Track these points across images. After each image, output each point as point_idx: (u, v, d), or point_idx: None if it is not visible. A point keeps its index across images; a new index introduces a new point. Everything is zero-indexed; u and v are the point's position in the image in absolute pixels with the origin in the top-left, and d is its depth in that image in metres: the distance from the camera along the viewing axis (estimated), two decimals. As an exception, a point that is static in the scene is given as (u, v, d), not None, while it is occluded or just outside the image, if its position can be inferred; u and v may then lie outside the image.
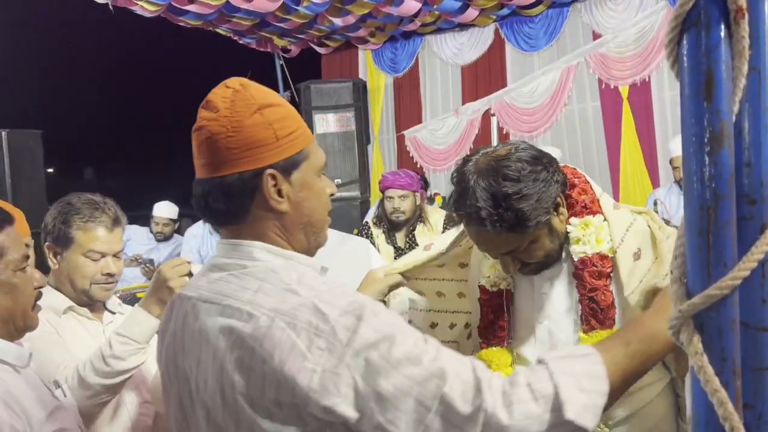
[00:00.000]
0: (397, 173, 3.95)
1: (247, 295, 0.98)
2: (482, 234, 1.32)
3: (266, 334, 0.93)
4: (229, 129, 1.00)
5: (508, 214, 1.27)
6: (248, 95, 1.04)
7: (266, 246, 1.04)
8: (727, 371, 0.56)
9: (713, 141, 0.56)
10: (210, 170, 1.03)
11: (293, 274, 1.00)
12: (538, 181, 1.29)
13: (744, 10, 0.56)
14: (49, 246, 1.71)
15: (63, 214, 1.70)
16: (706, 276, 0.57)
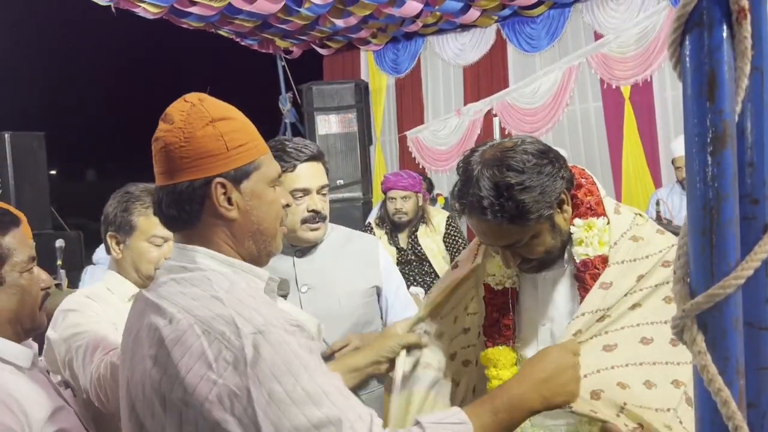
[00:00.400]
0: (399, 174, 3.95)
1: (178, 299, 1.02)
2: (483, 224, 1.32)
3: (181, 338, 0.97)
4: (182, 139, 1.05)
5: (510, 204, 1.27)
6: (203, 109, 1.08)
7: (210, 252, 1.08)
8: (731, 370, 0.57)
9: (716, 141, 0.56)
10: (165, 178, 1.08)
11: (225, 283, 1.04)
12: (542, 175, 1.29)
13: (746, 11, 0.56)
14: (112, 235, 1.70)
15: (123, 202, 1.70)
16: (709, 275, 0.57)
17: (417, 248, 3.82)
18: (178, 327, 0.98)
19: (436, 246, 3.80)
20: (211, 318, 0.97)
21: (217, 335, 0.95)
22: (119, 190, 1.76)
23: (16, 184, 5.47)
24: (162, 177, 1.09)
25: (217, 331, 0.95)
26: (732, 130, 0.57)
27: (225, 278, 1.05)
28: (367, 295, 1.87)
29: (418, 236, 3.84)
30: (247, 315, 0.97)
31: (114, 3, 4.71)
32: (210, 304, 0.99)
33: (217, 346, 0.94)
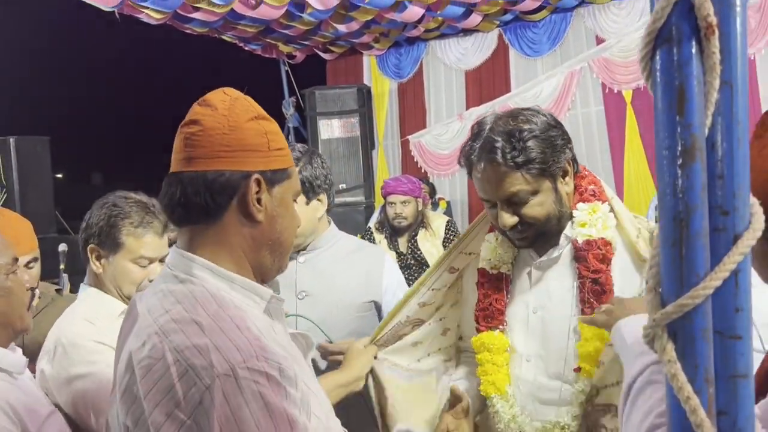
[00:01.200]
0: (399, 179, 3.97)
1: (159, 317, 0.95)
2: (489, 170, 1.37)
3: (153, 366, 0.90)
4: (225, 126, 0.99)
5: (519, 146, 1.34)
6: (247, 103, 1.04)
7: (208, 264, 0.99)
8: (700, 379, 0.58)
9: (685, 154, 0.58)
10: (193, 163, 0.99)
11: (212, 306, 0.95)
12: (552, 133, 1.37)
13: (714, 27, 0.57)
14: (93, 248, 1.60)
15: (111, 217, 1.59)
16: (679, 286, 0.58)
17: (417, 252, 3.84)
18: (151, 353, 0.91)
19: (436, 250, 3.82)
20: (185, 347, 0.89)
21: (189, 369, 0.87)
22: (106, 198, 1.65)
23: (21, 187, 5.51)
24: (188, 162, 0.99)
25: (190, 363, 0.87)
26: (701, 143, 0.58)
27: (213, 298, 0.96)
28: (364, 309, 1.84)
29: (417, 241, 3.85)
30: (225, 349, 0.88)
31: (118, 9, 4.74)
32: (189, 330, 0.91)
33: (187, 381, 0.86)
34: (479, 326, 1.51)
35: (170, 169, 1.03)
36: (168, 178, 1.02)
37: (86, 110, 11.59)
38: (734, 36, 0.59)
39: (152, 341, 0.91)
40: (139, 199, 1.65)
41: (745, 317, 0.60)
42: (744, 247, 0.59)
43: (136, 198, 1.65)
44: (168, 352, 0.89)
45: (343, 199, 6.22)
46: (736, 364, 0.59)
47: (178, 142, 1.02)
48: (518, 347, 1.47)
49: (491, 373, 1.44)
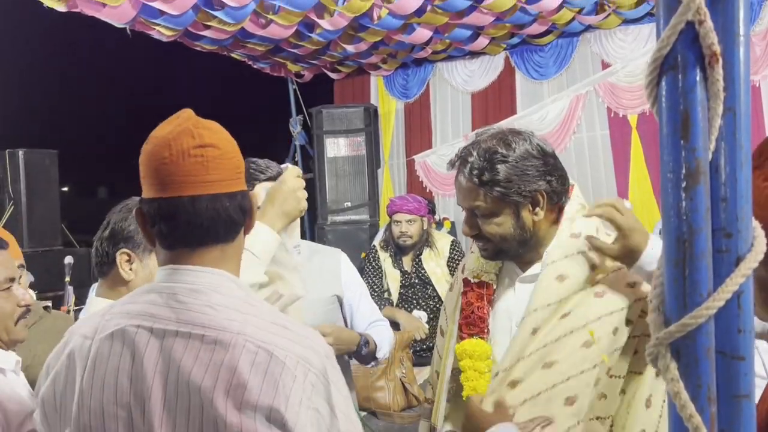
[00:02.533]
0: (404, 198, 3.99)
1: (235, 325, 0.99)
2: (459, 178, 1.46)
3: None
4: (235, 149, 1.07)
5: (485, 167, 1.39)
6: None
7: (231, 277, 1.06)
8: (703, 398, 0.59)
9: (689, 177, 0.59)
10: (224, 186, 1.04)
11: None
12: (527, 163, 1.39)
13: (718, 55, 0.59)
14: (125, 253, 1.53)
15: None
16: (682, 305, 0.59)
17: (421, 272, 3.84)
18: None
19: (440, 270, 3.82)
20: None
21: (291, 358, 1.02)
22: (123, 205, 1.61)
23: (28, 200, 5.56)
24: (219, 184, 1.03)
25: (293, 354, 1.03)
26: (705, 167, 0.60)
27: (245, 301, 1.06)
28: (329, 303, 2.09)
29: (422, 260, 3.86)
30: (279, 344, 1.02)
31: (130, 25, 4.81)
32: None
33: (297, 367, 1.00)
34: (462, 334, 1.54)
35: (185, 191, 1.02)
36: (203, 198, 1.02)
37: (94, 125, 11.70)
38: (737, 64, 0.61)
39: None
40: None
41: (748, 338, 0.61)
42: (746, 269, 0.60)
43: None
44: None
45: (348, 217, 6.24)
46: (739, 384, 0.61)
47: (195, 165, 1.02)
48: (497, 359, 1.49)
49: (473, 379, 1.45)
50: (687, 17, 0.59)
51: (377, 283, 3.88)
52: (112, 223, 1.56)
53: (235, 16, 4.74)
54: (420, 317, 3.66)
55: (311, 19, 5.07)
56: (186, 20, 4.75)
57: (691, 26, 0.59)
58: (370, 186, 6.30)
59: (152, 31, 4.97)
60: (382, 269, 3.89)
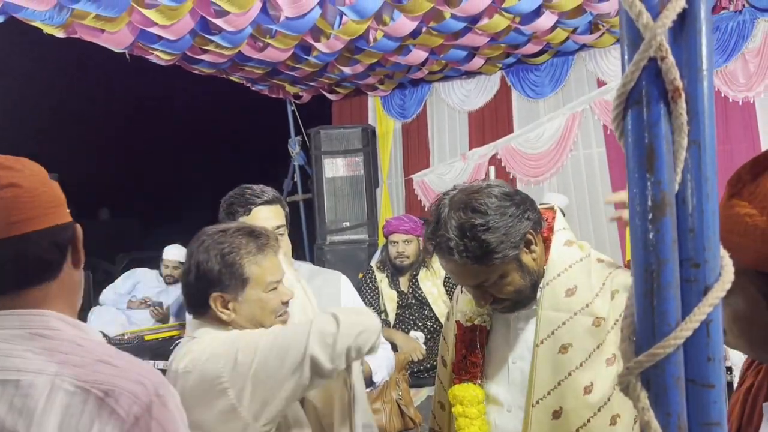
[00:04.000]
0: (401, 218, 4.00)
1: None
2: (451, 264, 1.39)
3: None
4: (39, 185, 1.01)
5: (474, 245, 1.33)
6: (30, 162, 1.06)
7: (59, 315, 1.01)
8: (673, 426, 0.60)
9: (655, 209, 0.61)
10: (29, 225, 0.98)
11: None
12: (506, 216, 1.35)
13: (681, 90, 0.61)
14: (217, 296, 1.47)
15: (225, 255, 1.46)
16: (651, 335, 0.61)
17: (418, 292, 3.84)
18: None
19: (437, 290, 3.82)
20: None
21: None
22: (201, 240, 1.50)
23: (28, 224, 5.56)
24: (24, 224, 0.98)
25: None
26: (670, 199, 0.61)
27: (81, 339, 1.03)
28: None
29: (419, 280, 3.86)
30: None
31: (128, 50, 4.86)
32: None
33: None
34: (454, 378, 1.53)
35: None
36: (7, 242, 0.97)
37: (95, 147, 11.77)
38: (701, 98, 0.62)
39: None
40: (236, 227, 1.54)
41: (718, 366, 0.62)
42: (714, 298, 0.61)
43: (233, 227, 1.54)
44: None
45: (347, 237, 6.25)
46: (709, 412, 0.61)
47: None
48: (500, 397, 1.47)
49: (464, 427, 1.44)
50: (649, 53, 0.60)
51: (374, 303, 3.88)
52: (194, 266, 1.48)
53: (232, 40, 4.80)
54: (417, 338, 3.65)
55: (308, 42, 5.13)
56: (183, 45, 4.80)
57: (654, 62, 0.61)
58: (368, 206, 6.32)
59: (150, 56, 5.03)
60: (379, 290, 3.90)
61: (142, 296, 5.32)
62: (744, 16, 5.34)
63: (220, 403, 1.36)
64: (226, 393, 1.36)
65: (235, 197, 2.00)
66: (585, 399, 1.36)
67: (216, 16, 4.37)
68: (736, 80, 5.39)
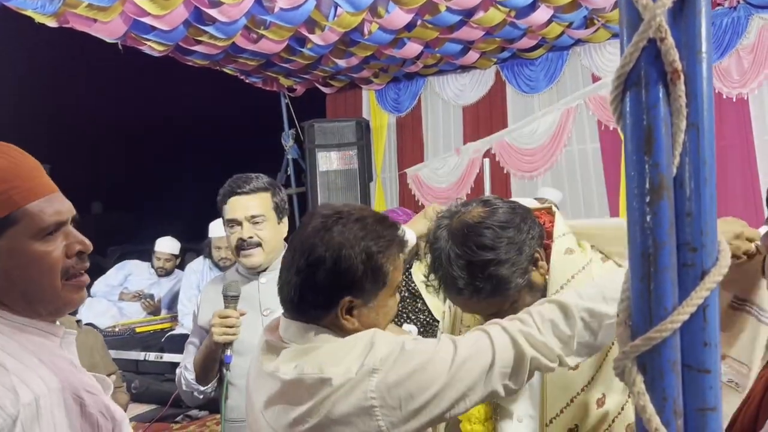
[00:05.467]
0: (394, 211, 3.98)
1: None
2: (461, 300, 1.33)
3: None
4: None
5: (486, 283, 1.27)
6: None
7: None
8: (668, 411, 0.59)
9: (653, 192, 0.60)
10: None
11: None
12: (513, 245, 1.29)
13: (680, 72, 0.60)
14: (347, 301, 1.19)
15: (371, 255, 1.17)
16: (647, 319, 0.60)
17: (411, 285, 3.83)
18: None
19: (430, 283, 3.82)
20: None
21: None
22: (326, 229, 1.18)
23: (19, 215, 5.52)
24: None
25: None
26: (668, 182, 0.61)
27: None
28: None
29: (412, 273, 3.85)
30: None
31: (121, 41, 4.82)
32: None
33: None
34: None
35: None
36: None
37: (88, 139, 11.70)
38: (700, 80, 0.62)
39: None
40: (372, 216, 1.24)
41: (714, 351, 0.62)
42: (711, 282, 0.61)
43: (369, 215, 1.23)
44: None
45: (340, 231, 6.23)
46: (705, 397, 0.61)
47: None
48: (511, 407, 1.46)
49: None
50: (648, 35, 0.60)
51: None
52: (330, 260, 1.16)
53: (226, 31, 4.77)
54: (410, 331, 3.64)
55: (302, 34, 5.10)
56: (177, 36, 4.77)
57: (653, 43, 0.60)
58: (362, 200, 6.31)
59: (143, 46, 4.99)
60: (373, 283, 3.89)
61: (134, 288, 5.29)
62: (738, 13, 5.34)
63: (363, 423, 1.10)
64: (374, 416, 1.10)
65: (224, 187, 2.05)
66: (599, 412, 1.35)
67: (210, 7, 4.35)
68: (730, 76, 5.40)
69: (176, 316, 4.74)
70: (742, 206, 5.31)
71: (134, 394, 3.54)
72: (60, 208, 1.02)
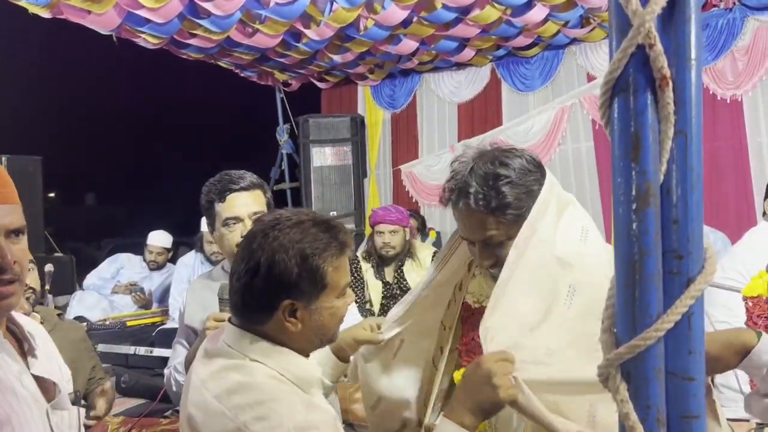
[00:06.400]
0: (387, 208, 3.99)
1: None
2: (464, 212, 1.37)
3: None
4: None
5: (492, 194, 1.32)
6: None
7: None
8: (651, 419, 0.59)
9: (639, 199, 0.60)
10: None
11: None
12: (530, 179, 1.34)
13: (668, 79, 0.60)
14: (288, 304, 1.22)
15: (307, 257, 1.21)
16: (632, 327, 0.60)
17: (403, 282, 3.84)
18: None
19: (422, 281, 3.82)
20: None
21: None
22: (263, 233, 1.22)
23: (11, 207, 5.48)
24: None
25: None
26: (655, 189, 0.60)
27: None
28: None
29: (404, 270, 3.85)
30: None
31: (116, 33, 4.79)
32: None
33: None
34: (461, 360, 1.50)
35: None
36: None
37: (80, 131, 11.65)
38: (689, 88, 0.61)
39: None
40: (310, 218, 1.27)
41: (698, 359, 0.62)
42: (696, 290, 0.61)
43: (306, 218, 1.26)
44: None
45: (334, 227, 6.22)
46: (689, 405, 0.61)
47: None
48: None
49: None
50: (637, 40, 0.59)
51: (359, 294, 3.87)
52: (264, 265, 1.20)
53: (221, 25, 4.74)
54: (401, 328, 3.65)
55: (297, 28, 5.08)
56: (171, 28, 4.74)
57: (642, 50, 0.60)
58: (356, 196, 6.31)
59: (138, 39, 4.96)
60: (364, 280, 3.89)
61: (126, 281, 5.27)
62: (734, 14, 5.36)
63: None
64: None
65: (212, 184, 1.95)
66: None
67: (204, 0, 4.32)
68: (725, 78, 5.42)
69: (167, 310, 4.73)
70: (734, 207, 5.33)
71: (124, 389, 3.52)
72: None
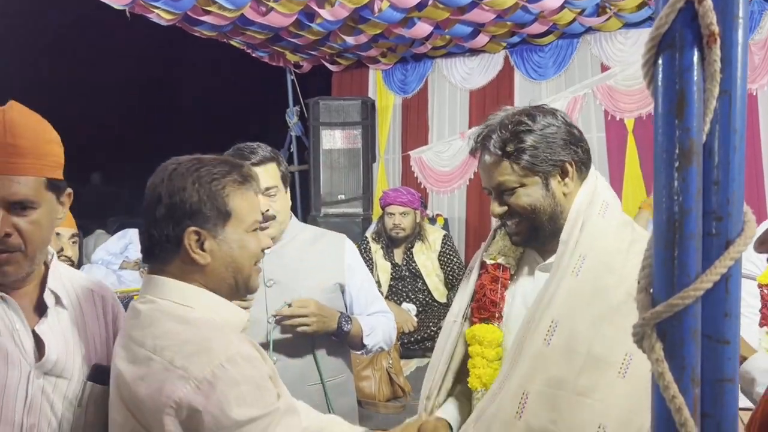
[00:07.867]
0: (398, 190, 3.98)
1: None
2: (484, 157, 1.42)
3: None
4: None
5: (510, 139, 1.37)
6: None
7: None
8: (686, 379, 0.58)
9: (682, 157, 0.59)
10: None
11: None
12: (554, 133, 1.37)
13: (716, 35, 0.59)
14: (193, 231, 1.21)
15: (205, 183, 1.22)
16: (670, 286, 0.59)
17: (412, 265, 3.84)
18: None
19: (431, 263, 3.82)
20: None
21: None
22: (172, 169, 1.24)
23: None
24: None
25: None
26: (698, 147, 0.59)
27: None
28: (330, 291, 1.99)
29: (413, 253, 3.85)
30: None
31: (129, 7, 4.77)
32: None
33: None
34: (473, 318, 1.50)
35: None
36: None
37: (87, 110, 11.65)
38: (735, 46, 0.60)
39: None
40: (211, 156, 1.31)
41: (734, 323, 0.61)
42: (735, 252, 0.60)
43: (207, 156, 1.30)
44: None
45: (341, 210, 6.22)
46: (723, 368, 0.60)
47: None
48: (508, 347, 1.46)
49: (480, 367, 1.42)
50: (687, -5, 0.58)
51: (367, 274, 3.87)
52: (165, 195, 1.21)
53: (235, 2, 4.72)
54: (409, 310, 3.66)
55: (312, 8, 5.05)
56: (186, 4, 4.72)
57: (691, 5, 0.59)
58: (364, 179, 6.29)
59: (151, 14, 4.94)
60: (373, 261, 3.89)
61: (134, 257, 5.29)
62: (752, 7, 5.29)
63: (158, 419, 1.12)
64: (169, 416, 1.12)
65: None
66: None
67: (220, -23, 4.30)
68: (740, 71, 5.36)
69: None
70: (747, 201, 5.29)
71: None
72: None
